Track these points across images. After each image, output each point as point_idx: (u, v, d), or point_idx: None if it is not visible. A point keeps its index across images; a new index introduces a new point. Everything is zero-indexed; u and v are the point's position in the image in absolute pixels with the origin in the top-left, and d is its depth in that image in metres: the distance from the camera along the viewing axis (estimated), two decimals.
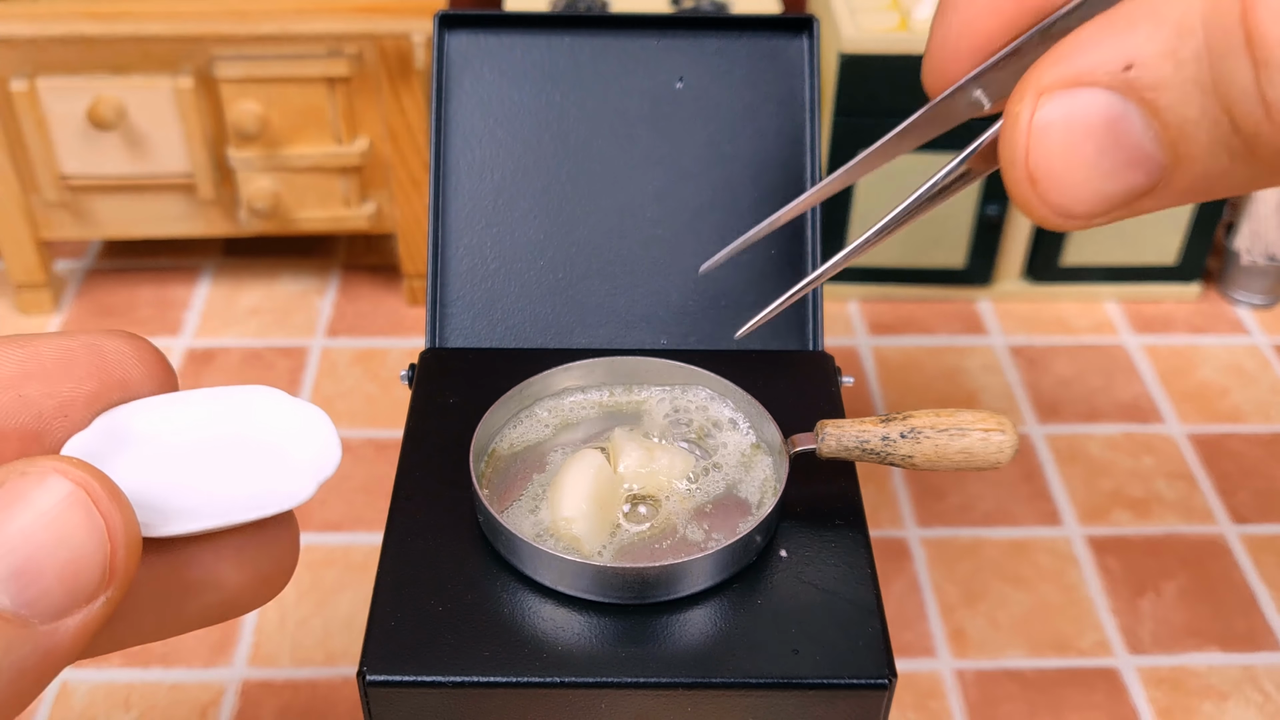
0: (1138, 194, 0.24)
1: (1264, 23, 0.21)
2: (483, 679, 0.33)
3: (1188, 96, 0.23)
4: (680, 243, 0.45)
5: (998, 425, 0.37)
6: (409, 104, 0.62)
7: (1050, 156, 0.24)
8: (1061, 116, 0.24)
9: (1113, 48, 0.23)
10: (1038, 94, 0.24)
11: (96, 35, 0.60)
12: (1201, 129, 0.23)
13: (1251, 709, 0.49)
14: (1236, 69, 0.22)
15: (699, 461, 0.39)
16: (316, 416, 0.28)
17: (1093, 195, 0.25)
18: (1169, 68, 0.23)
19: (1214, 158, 0.23)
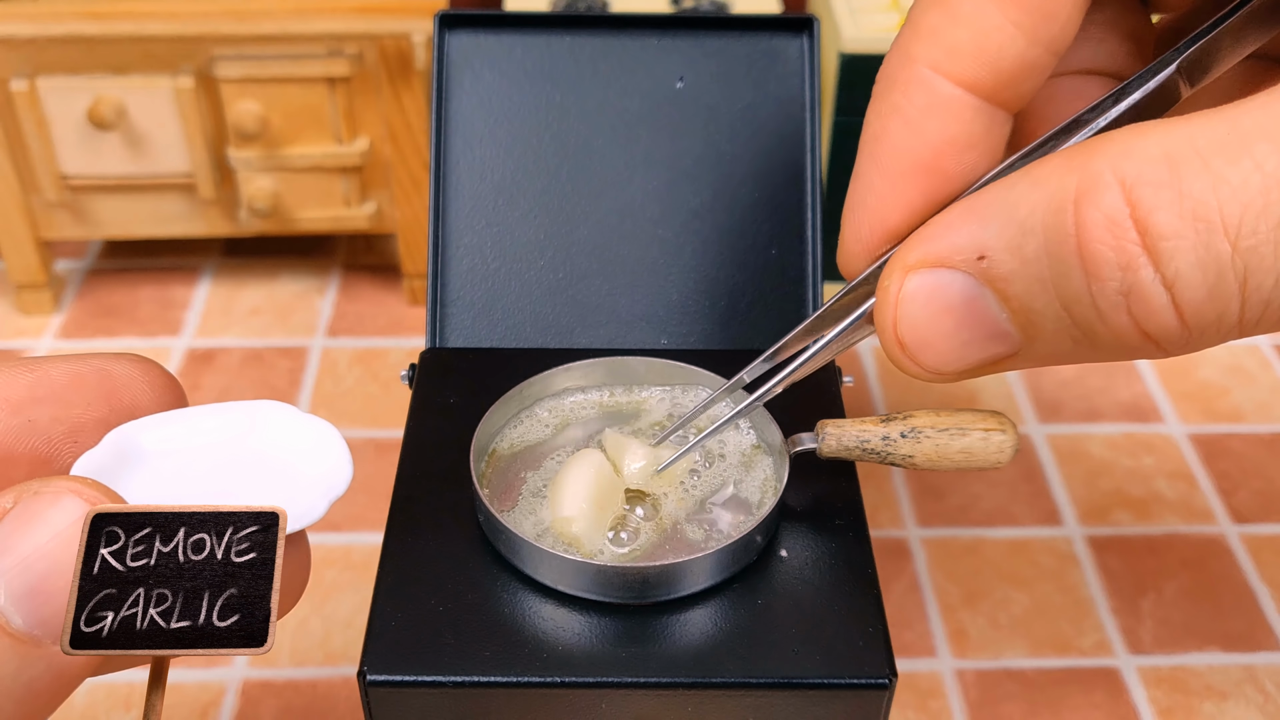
0: (999, 359, 0.27)
1: (1093, 238, 0.23)
2: (483, 679, 0.33)
3: (1032, 289, 0.25)
4: (680, 243, 0.45)
5: (998, 425, 0.37)
6: (409, 104, 0.62)
7: (915, 327, 0.27)
8: (924, 292, 0.26)
9: (968, 236, 0.25)
10: (904, 271, 0.26)
11: (96, 35, 0.60)
12: (1046, 318, 0.25)
13: (1252, 709, 0.49)
14: (1071, 274, 0.24)
15: (699, 459, 0.39)
16: (327, 432, 0.28)
17: (957, 360, 0.27)
18: (1015, 263, 0.25)
19: (1059, 341, 0.25)
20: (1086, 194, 0.23)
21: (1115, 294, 0.23)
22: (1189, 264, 0.23)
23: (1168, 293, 0.23)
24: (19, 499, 0.23)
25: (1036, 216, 0.24)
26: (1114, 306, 0.24)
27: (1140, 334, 0.24)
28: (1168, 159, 0.23)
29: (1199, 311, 0.23)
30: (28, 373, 0.27)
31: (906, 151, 0.29)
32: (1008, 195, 0.25)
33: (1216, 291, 0.23)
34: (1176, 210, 0.22)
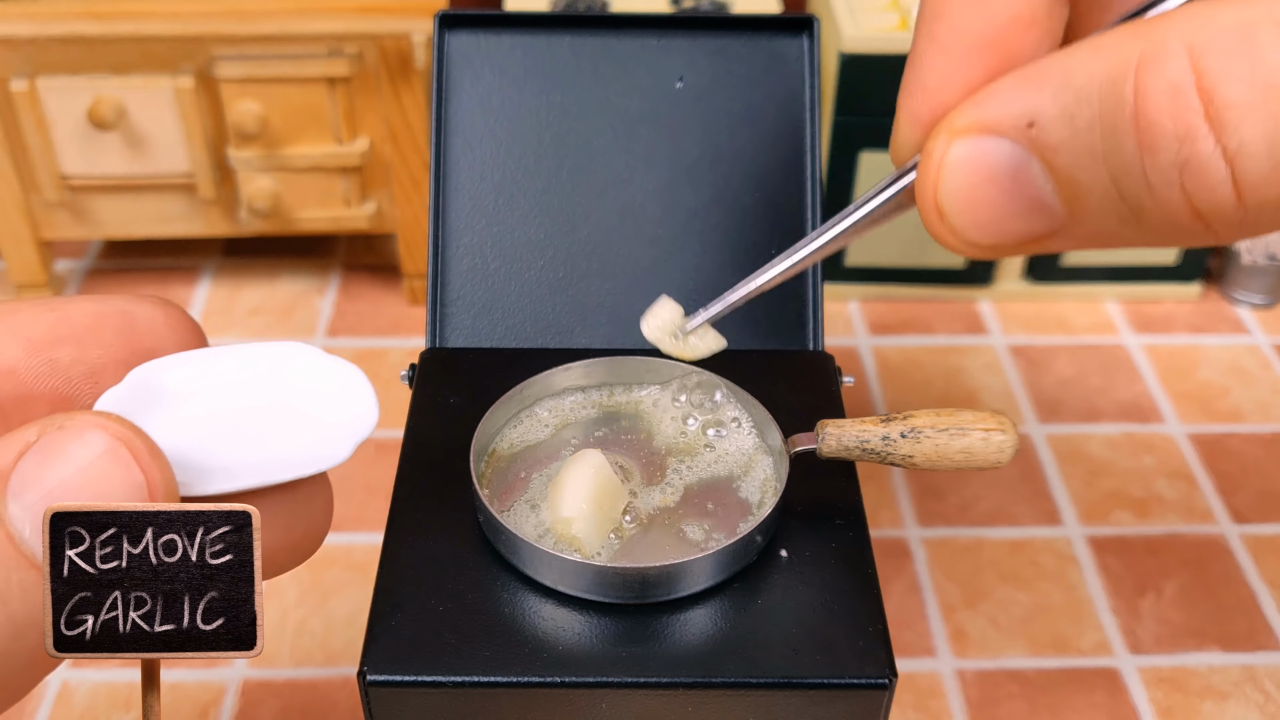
0: (1038, 235, 0.26)
1: (1151, 108, 0.22)
2: (483, 679, 0.33)
3: (1081, 161, 0.24)
4: (680, 243, 0.45)
5: (998, 425, 0.37)
6: (409, 104, 0.62)
7: (955, 193, 0.26)
8: (968, 159, 0.25)
9: (1020, 102, 0.24)
10: (950, 136, 0.25)
11: (96, 35, 0.60)
12: (1093, 192, 0.24)
13: (1252, 709, 0.49)
14: (1124, 146, 0.23)
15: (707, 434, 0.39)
16: (353, 374, 0.27)
17: (995, 231, 0.26)
18: (1066, 132, 0.24)
19: (1104, 218, 0.24)
20: (1150, 60, 0.22)
21: (1169, 167, 0.22)
22: (1255, 135, 0.22)
23: (1228, 166, 0.22)
24: (43, 433, 0.23)
25: (1094, 84, 0.23)
26: (1167, 181, 0.23)
27: (1191, 211, 0.23)
28: (1243, 27, 0.22)
29: (1259, 186, 0.22)
30: (49, 312, 0.27)
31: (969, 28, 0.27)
32: (1065, 63, 0.24)
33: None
34: (1248, 79, 0.21)
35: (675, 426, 0.40)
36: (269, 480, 0.25)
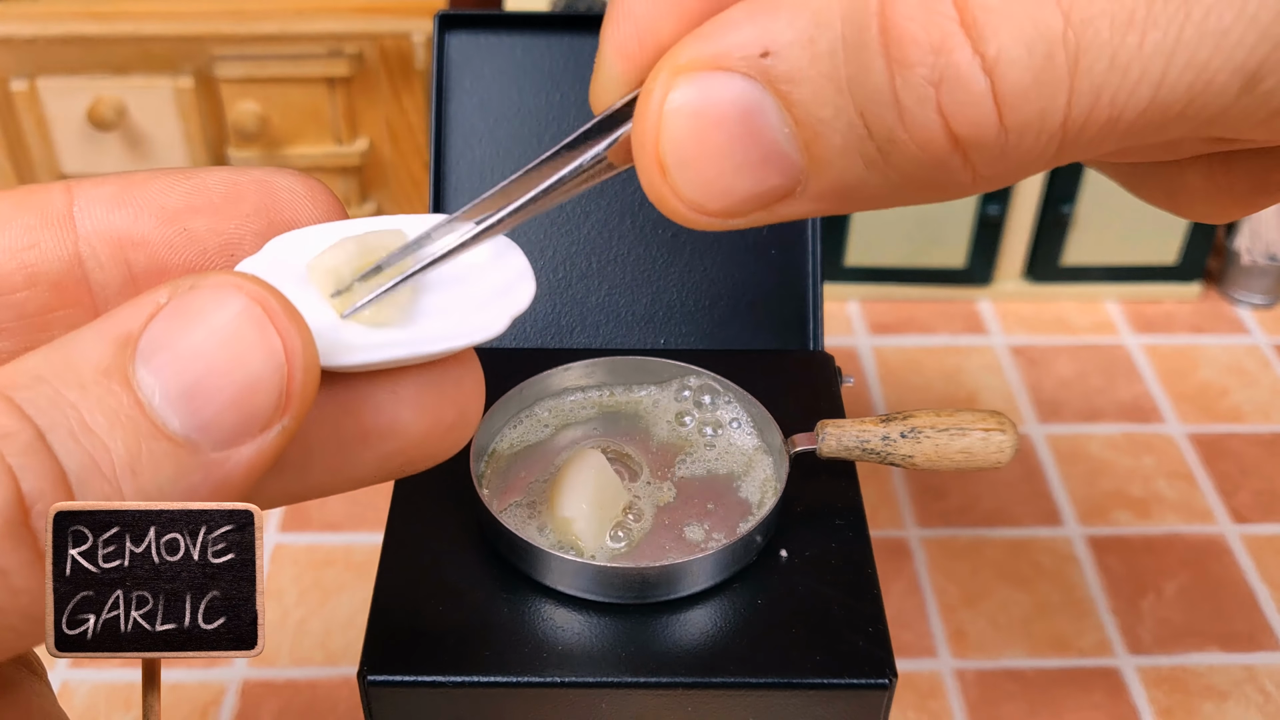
0: (774, 195, 0.22)
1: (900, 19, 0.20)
2: (483, 679, 0.33)
3: (822, 93, 0.21)
4: (680, 243, 0.45)
5: (998, 425, 0.37)
6: (409, 104, 0.62)
7: (680, 143, 0.22)
8: (694, 100, 0.22)
9: (752, 31, 0.21)
10: (673, 74, 0.22)
11: (96, 35, 0.60)
12: (836, 130, 0.21)
13: (1252, 709, 0.49)
14: (871, 67, 0.20)
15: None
16: (508, 248, 0.25)
17: (725, 190, 0.22)
18: (805, 60, 0.21)
19: (848, 162, 0.21)
20: None
21: (923, 83, 0.20)
22: (1014, 40, 0.19)
23: (987, 77, 0.20)
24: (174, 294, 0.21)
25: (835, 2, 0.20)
26: (920, 100, 0.20)
27: (949, 138, 0.20)
28: None
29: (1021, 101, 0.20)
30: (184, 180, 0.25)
31: None
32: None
33: (1044, 75, 0.20)
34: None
35: (674, 426, 0.40)
36: (414, 353, 0.23)
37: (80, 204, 0.25)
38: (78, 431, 0.20)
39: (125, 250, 0.25)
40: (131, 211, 0.25)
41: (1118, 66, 0.20)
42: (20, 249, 0.24)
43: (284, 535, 0.56)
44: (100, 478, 0.20)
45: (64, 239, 0.25)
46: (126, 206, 0.25)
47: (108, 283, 0.25)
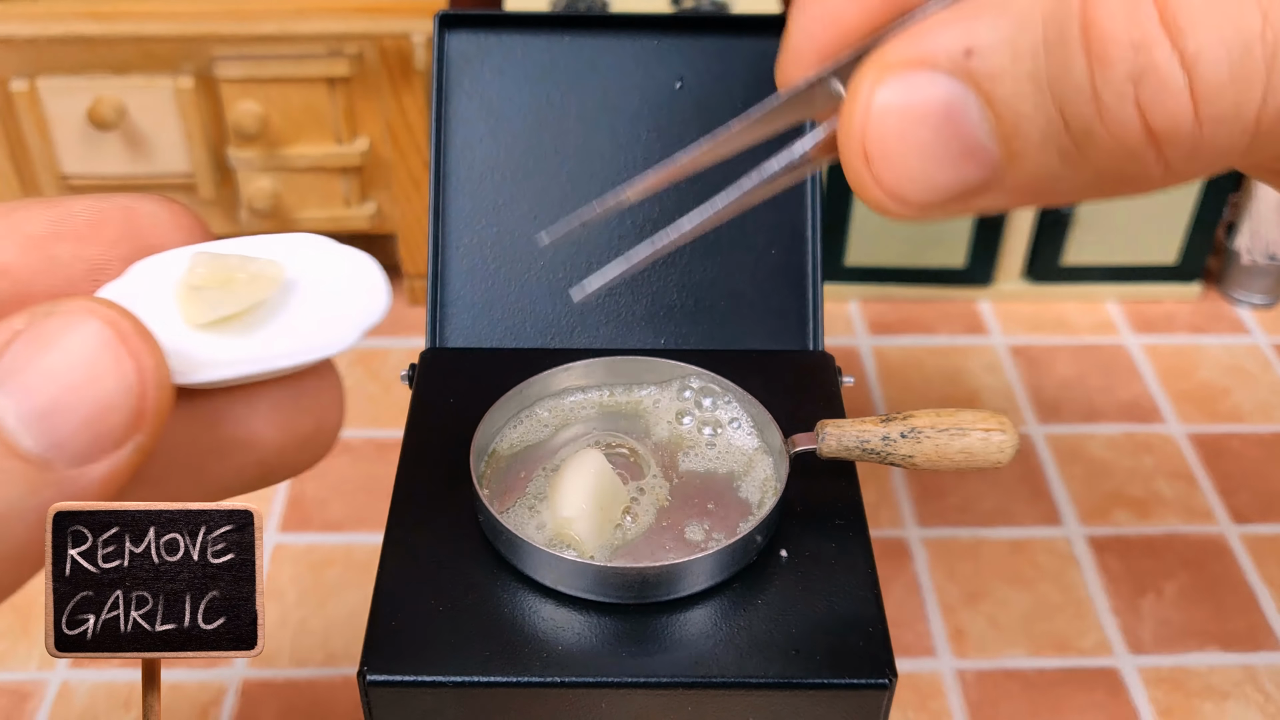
0: (972, 188, 0.24)
1: (1102, 18, 0.21)
2: (483, 679, 0.33)
3: (1023, 90, 0.22)
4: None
5: (998, 425, 0.37)
6: (409, 104, 0.62)
7: (886, 136, 0.24)
8: (900, 97, 0.23)
9: (956, 33, 0.23)
10: (881, 72, 0.23)
11: (96, 35, 0.60)
12: (1035, 125, 0.22)
13: (1252, 709, 0.49)
14: (1071, 64, 0.21)
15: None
16: (364, 262, 0.26)
17: (926, 182, 0.24)
18: (1006, 58, 0.22)
19: (1045, 157, 0.23)
20: None
21: (1123, 79, 0.21)
22: (1213, 39, 0.20)
23: (1185, 74, 0.21)
24: (32, 320, 0.22)
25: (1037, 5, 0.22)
26: (1119, 96, 0.21)
27: (1144, 131, 0.21)
28: None
29: (1217, 96, 0.21)
30: (49, 209, 0.26)
31: None
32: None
33: (1240, 71, 0.20)
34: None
35: (675, 426, 0.40)
36: (265, 368, 0.24)
37: None
38: None
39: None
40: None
41: None
42: None
43: (284, 535, 0.56)
44: None
45: None
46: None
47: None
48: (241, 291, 0.25)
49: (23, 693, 0.49)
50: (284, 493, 0.58)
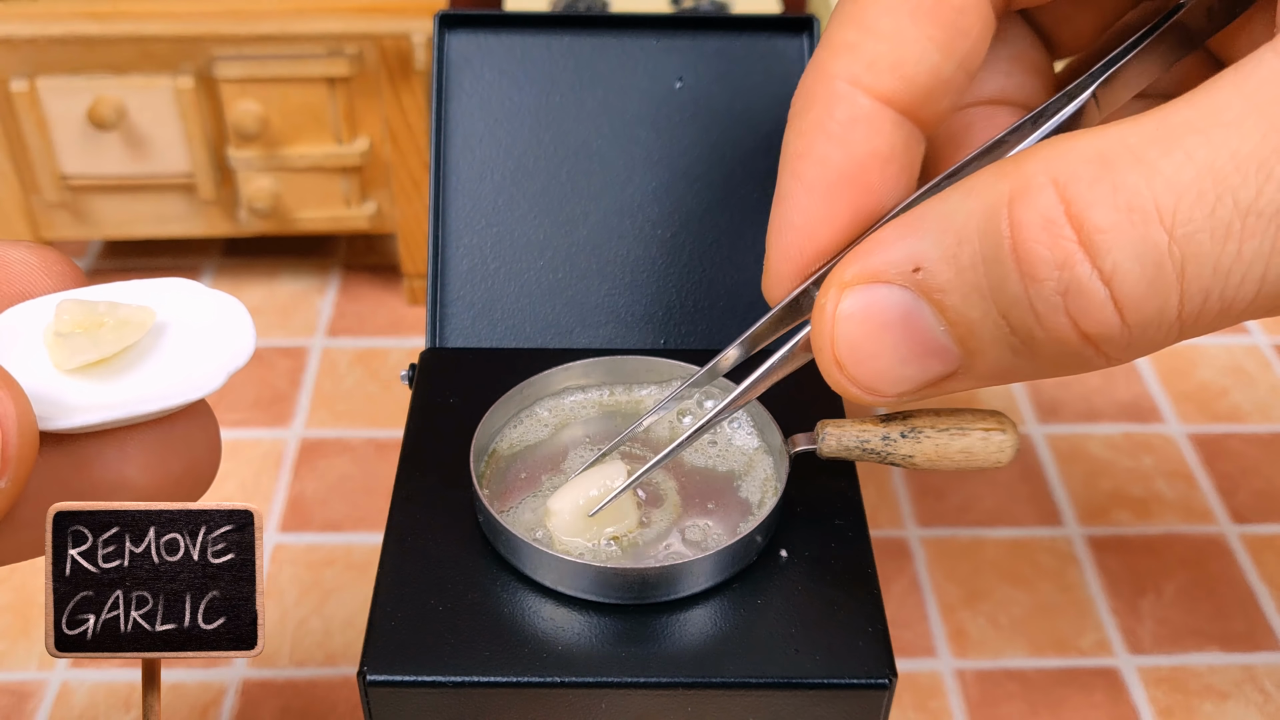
0: (938, 377, 0.26)
1: (1027, 239, 0.23)
2: (483, 679, 0.33)
3: (969, 299, 0.24)
4: (680, 243, 0.45)
5: (998, 424, 0.37)
6: (409, 104, 0.62)
7: (852, 344, 0.26)
8: (860, 309, 0.26)
9: (903, 250, 0.25)
10: (840, 289, 0.26)
11: (96, 35, 0.60)
12: (985, 328, 0.24)
13: (1252, 709, 0.49)
14: (1007, 279, 0.23)
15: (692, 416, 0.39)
16: (232, 307, 0.27)
17: (896, 377, 0.26)
18: (951, 272, 0.24)
19: (999, 353, 0.25)
20: (1020, 195, 0.23)
21: (1053, 294, 0.23)
22: (1126, 256, 0.22)
23: (1106, 288, 0.23)
24: None
25: (971, 223, 0.24)
26: (1052, 308, 0.23)
27: (1080, 335, 0.24)
28: (1100, 157, 0.23)
29: (1139, 305, 0.23)
30: None
31: (832, 165, 0.29)
32: (941, 207, 0.25)
33: (1155, 283, 0.23)
34: (1111, 203, 0.22)
35: (674, 427, 0.40)
36: (134, 412, 0.24)
37: None
38: None
39: None
40: None
41: (1220, 271, 0.23)
42: None
43: (284, 535, 0.56)
44: None
45: None
46: None
47: None
48: (109, 337, 0.25)
49: (23, 693, 0.49)
50: (284, 493, 0.58)
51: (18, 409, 0.23)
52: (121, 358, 0.26)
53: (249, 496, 0.57)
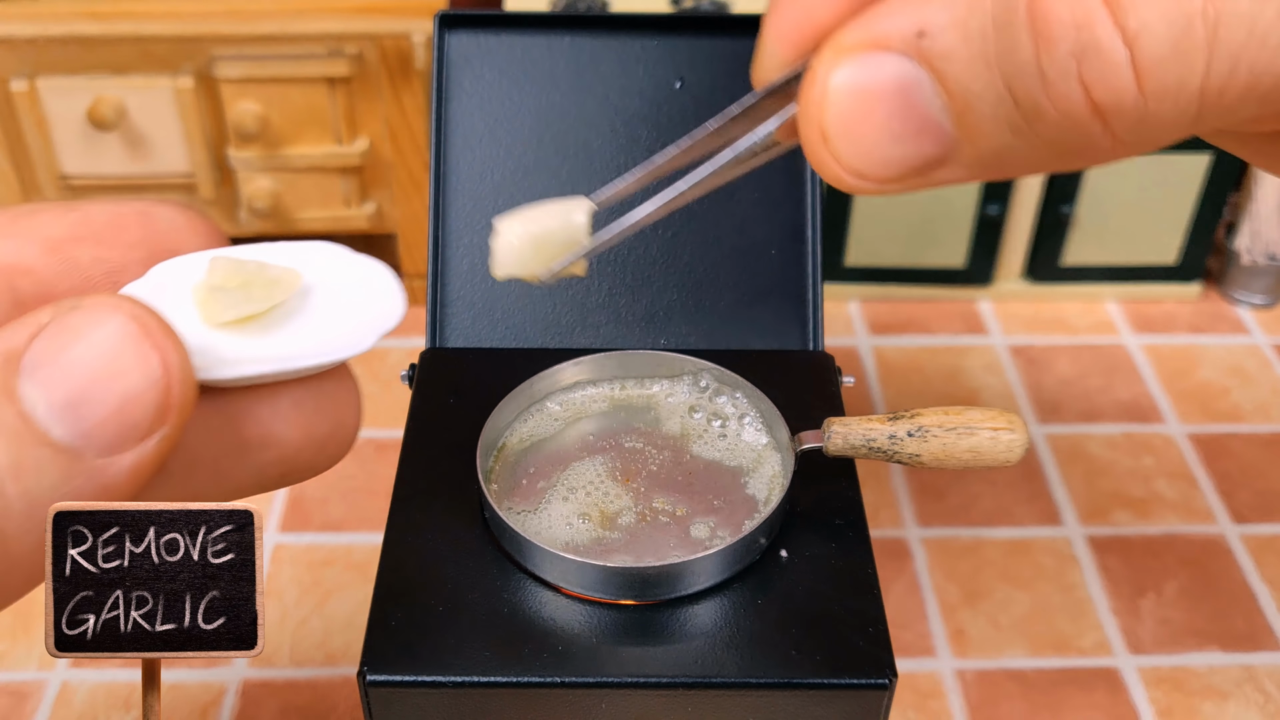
0: (928, 162, 0.25)
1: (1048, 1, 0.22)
2: (483, 679, 0.33)
3: (973, 69, 0.23)
4: (680, 243, 0.45)
5: (1007, 424, 0.36)
6: (409, 104, 0.62)
7: (842, 115, 0.24)
8: (856, 77, 0.24)
9: (909, 15, 0.24)
10: (836, 55, 0.24)
11: (96, 35, 0.60)
12: (986, 102, 0.23)
13: (1252, 709, 0.49)
14: (1018, 44, 0.22)
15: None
16: (379, 270, 0.27)
17: (883, 157, 0.25)
18: (957, 39, 0.23)
19: (997, 132, 0.23)
20: None
21: (1067, 57, 0.22)
22: (1154, 14, 0.21)
23: (1127, 50, 0.21)
24: (57, 314, 0.23)
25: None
26: (1064, 74, 0.22)
27: (1090, 106, 0.22)
28: None
29: (1160, 71, 0.21)
30: (69, 213, 0.27)
31: None
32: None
33: (1182, 45, 0.21)
34: None
35: (686, 420, 0.40)
36: (285, 367, 0.25)
37: None
38: None
39: (12, 278, 0.26)
40: (17, 242, 0.26)
41: (1256, 35, 0.21)
42: None
43: (284, 535, 0.56)
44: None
45: None
46: (12, 237, 0.26)
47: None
48: (260, 294, 0.26)
49: (23, 693, 0.49)
50: (284, 493, 0.58)
51: (179, 358, 0.23)
52: (270, 315, 0.26)
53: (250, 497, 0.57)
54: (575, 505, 0.37)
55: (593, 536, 0.36)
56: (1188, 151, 0.66)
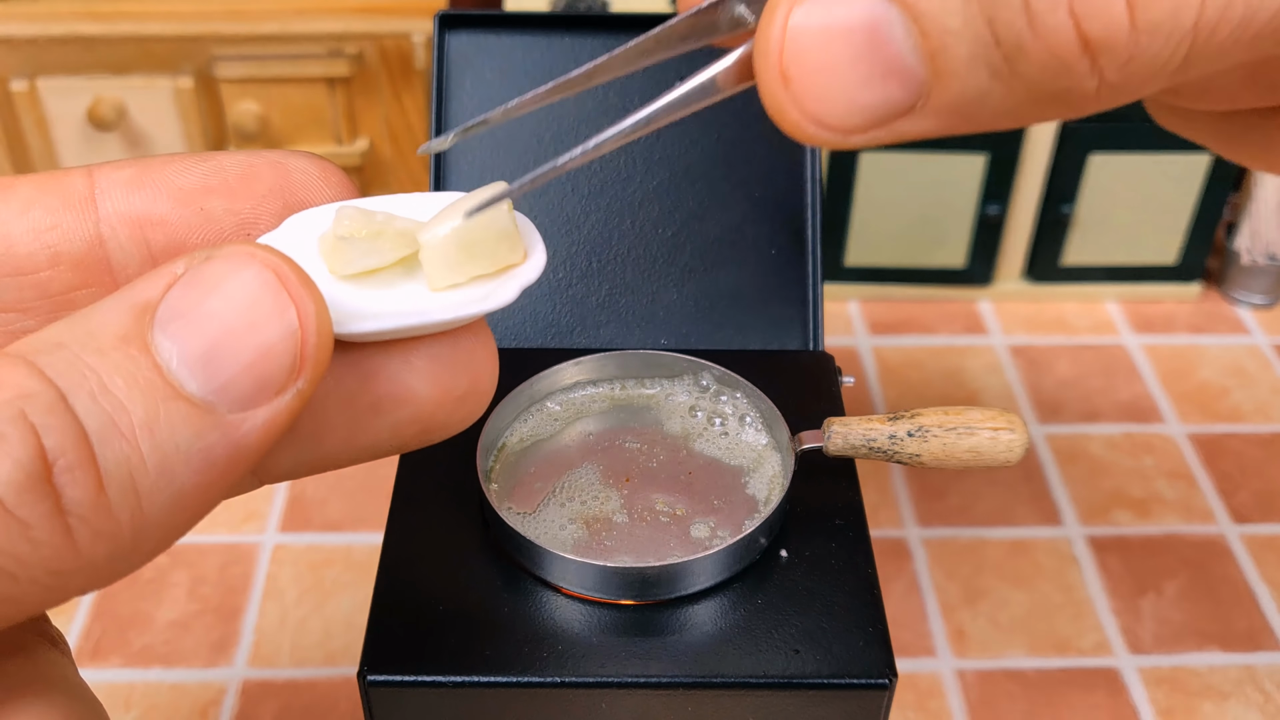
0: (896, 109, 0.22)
1: None
2: (483, 679, 0.33)
3: (950, 5, 0.21)
4: (680, 243, 0.45)
5: (1007, 424, 0.36)
6: (409, 104, 0.62)
7: (804, 56, 0.22)
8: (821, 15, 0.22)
9: None
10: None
11: (96, 35, 0.60)
12: (962, 41, 0.21)
13: (1252, 709, 0.49)
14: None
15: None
16: (520, 222, 0.26)
17: (847, 103, 0.22)
18: None
19: (973, 74, 0.22)
20: None
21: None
22: None
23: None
24: (190, 265, 0.22)
25: None
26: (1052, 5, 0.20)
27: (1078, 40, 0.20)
28: None
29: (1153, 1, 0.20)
30: (201, 163, 0.26)
31: None
32: None
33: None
34: None
35: (686, 420, 0.40)
36: (424, 322, 0.23)
37: (101, 186, 0.25)
38: (97, 393, 0.21)
39: (144, 230, 0.25)
40: (150, 193, 0.26)
41: None
42: (43, 230, 0.25)
43: (284, 535, 0.56)
44: (119, 436, 0.21)
45: (85, 220, 0.25)
46: (145, 188, 0.26)
47: (128, 262, 0.25)
48: (387, 246, 0.25)
49: None
50: (284, 493, 0.57)
51: (316, 310, 0.22)
52: (398, 269, 0.25)
53: (249, 496, 0.57)
54: (575, 505, 0.37)
55: (593, 536, 0.36)
56: (1188, 151, 0.66)
